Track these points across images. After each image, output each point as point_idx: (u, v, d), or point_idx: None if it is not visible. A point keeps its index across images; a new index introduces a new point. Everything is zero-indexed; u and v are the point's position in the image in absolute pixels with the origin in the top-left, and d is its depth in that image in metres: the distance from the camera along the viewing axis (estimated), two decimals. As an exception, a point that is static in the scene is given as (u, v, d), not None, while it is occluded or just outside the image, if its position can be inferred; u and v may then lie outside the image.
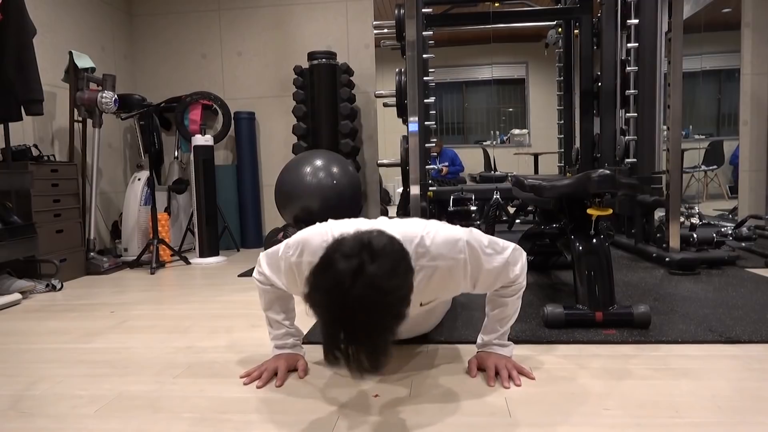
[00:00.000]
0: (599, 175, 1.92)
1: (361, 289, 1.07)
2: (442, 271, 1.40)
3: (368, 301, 1.07)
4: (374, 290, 1.08)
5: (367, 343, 1.10)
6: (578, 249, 2.05)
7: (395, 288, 1.12)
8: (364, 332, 1.09)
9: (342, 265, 1.10)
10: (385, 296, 1.09)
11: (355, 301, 1.07)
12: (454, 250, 1.39)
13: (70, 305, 2.75)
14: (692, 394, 1.41)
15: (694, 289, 2.52)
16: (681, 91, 2.97)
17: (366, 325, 1.08)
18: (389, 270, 1.12)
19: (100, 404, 1.47)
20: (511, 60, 9.40)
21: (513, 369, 1.55)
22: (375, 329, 1.10)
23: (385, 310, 1.10)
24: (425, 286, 1.40)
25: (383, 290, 1.09)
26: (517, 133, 9.22)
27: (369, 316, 1.08)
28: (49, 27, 3.79)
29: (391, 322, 1.12)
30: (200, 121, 4.47)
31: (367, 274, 1.08)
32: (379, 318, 1.10)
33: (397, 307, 1.13)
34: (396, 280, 1.13)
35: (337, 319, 1.10)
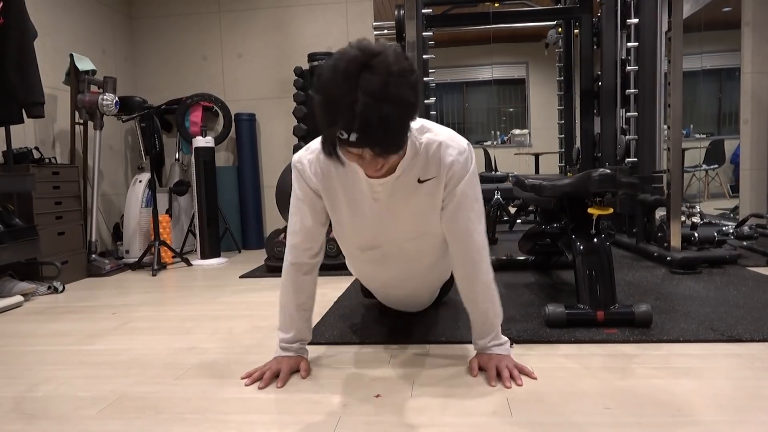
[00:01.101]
0: (600, 175, 1.92)
1: (372, 60, 1.12)
2: (442, 151, 1.45)
3: (381, 70, 1.11)
4: (385, 64, 1.12)
5: (384, 130, 1.13)
6: (579, 248, 2.05)
7: (406, 67, 1.16)
8: (381, 118, 1.11)
9: (351, 52, 1.15)
10: (398, 68, 1.13)
11: (367, 72, 1.10)
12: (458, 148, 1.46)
13: (71, 307, 2.76)
14: (694, 392, 1.41)
15: (696, 288, 2.52)
16: (681, 90, 2.97)
17: (384, 111, 1.11)
18: (395, 56, 1.16)
19: (102, 405, 1.48)
20: (512, 60, 9.39)
21: (514, 369, 1.55)
22: (388, 100, 1.12)
23: (399, 80, 1.13)
24: (424, 160, 1.46)
25: (394, 64, 1.13)
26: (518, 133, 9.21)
27: (388, 100, 1.11)
28: (49, 30, 3.79)
29: (407, 95, 1.15)
30: (201, 123, 4.48)
31: (377, 61, 1.12)
32: (395, 88, 1.12)
33: (409, 78, 1.15)
34: (405, 62, 1.17)
35: (347, 107, 1.11)
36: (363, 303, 2.43)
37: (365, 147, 1.18)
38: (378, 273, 1.81)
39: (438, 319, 2.13)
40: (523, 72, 9.45)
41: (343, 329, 2.08)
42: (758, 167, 4.29)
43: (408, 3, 3.29)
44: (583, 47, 4.41)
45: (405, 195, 1.51)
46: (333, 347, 1.90)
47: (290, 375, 1.62)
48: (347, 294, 2.67)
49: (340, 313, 2.31)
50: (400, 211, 1.54)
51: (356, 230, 1.62)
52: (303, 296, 1.64)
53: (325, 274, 3.12)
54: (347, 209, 1.57)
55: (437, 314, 2.18)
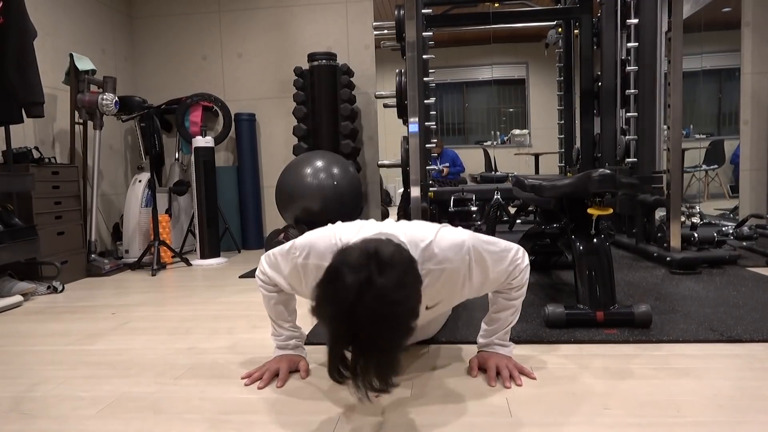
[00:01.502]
0: (600, 175, 1.92)
1: (369, 302, 1.06)
2: (448, 274, 1.39)
3: (377, 315, 1.06)
4: (383, 303, 1.07)
5: (376, 358, 1.09)
6: (579, 249, 2.05)
7: (404, 299, 1.11)
8: (372, 346, 1.08)
9: (349, 278, 1.08)
10: (394, 308, 1.08)
11: (363, 315, 1.06)
12: (461, 253, 1.38)
13: (71, 307, 2.76)
14: (693, 393, 1.41)
15: (696, 288, 2.52)
16: (681, 90, 2.97)
17: (375, 339, 1.07)
18: (397, 281, 1.10)
19: (101, 406, 1.48)
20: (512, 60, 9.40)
21: (514, 369, 1.55)
22: (384, 343, 1.08)
23: (393, 323, 1.09)
24: (431, 289, 1.40)
25: (392, 302, 1.08)
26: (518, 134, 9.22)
27: (378, 329, 1.07)
28: (49, 29, 3.79)
29: (400, 335, 1.11)
30: (201, 123, 4.48)
31: (375, 287, 1.07)
32: (388, 331, 1.09)
33: (406, 319, 1.12)
34: (404, 291, 1.12)
35: (345, 333, 1.08)
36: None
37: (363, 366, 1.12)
38: None
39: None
40: (523, 72, 9.45)
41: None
42: (758, 168, 4.29)
43: (408, 3, 3.29)
44: (583, 47, 4.40)
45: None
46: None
47: (290, 374, 1.62)
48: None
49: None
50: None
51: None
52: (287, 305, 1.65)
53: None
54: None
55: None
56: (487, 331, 1.62)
